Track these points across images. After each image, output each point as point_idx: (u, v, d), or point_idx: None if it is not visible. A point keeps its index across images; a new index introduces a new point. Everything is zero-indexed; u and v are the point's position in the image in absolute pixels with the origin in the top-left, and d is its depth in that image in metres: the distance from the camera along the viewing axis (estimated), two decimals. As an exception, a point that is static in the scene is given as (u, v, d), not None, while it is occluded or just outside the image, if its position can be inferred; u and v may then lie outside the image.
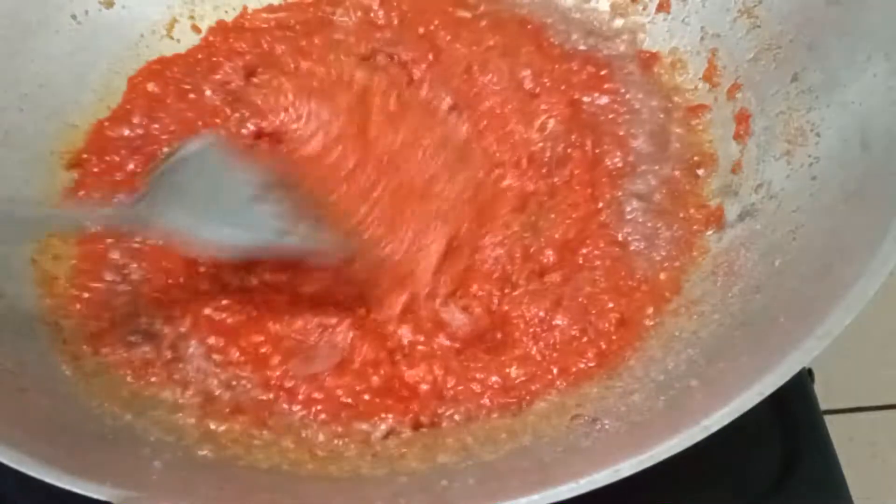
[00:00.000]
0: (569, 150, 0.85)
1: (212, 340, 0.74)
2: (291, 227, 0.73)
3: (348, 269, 0.77)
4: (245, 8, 0.98)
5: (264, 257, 0.76)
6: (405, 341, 0.75)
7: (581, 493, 0.54)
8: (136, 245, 0.79)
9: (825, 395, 0.86)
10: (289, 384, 0.73)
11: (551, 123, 0.86)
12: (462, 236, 0.80)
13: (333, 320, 0.75)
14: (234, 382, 0.73)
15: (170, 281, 0.78)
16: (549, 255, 0.80)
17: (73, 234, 0.79)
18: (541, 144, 0.86)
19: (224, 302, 0.76)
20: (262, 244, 0.72)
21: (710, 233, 0.81)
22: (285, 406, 0.72)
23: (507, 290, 0.78)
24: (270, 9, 0.98)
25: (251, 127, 0.86)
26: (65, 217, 0.70)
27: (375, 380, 0.73)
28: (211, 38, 0.95)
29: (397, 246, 0.79)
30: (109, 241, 0.80)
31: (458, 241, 0.80)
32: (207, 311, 0.75)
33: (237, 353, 0.74)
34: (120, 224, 0.71)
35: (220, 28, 0.96)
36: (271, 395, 0.72)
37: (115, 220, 0.71)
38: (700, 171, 0.85)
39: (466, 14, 0.95)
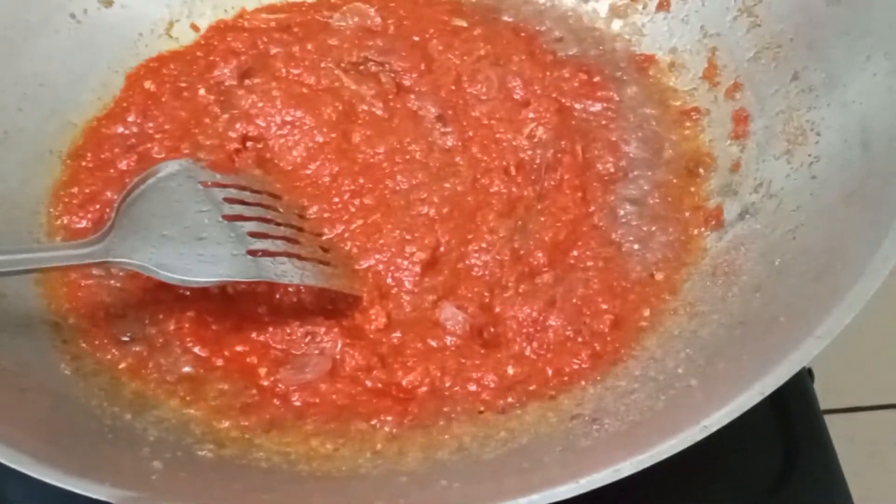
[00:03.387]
0: (559, 156, 0.85)
1: (196, 350, 0.74)
2: (264, 245, 0.73)
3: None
4: (244, 8, 0.98)
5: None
6: (396, 342, 0.75)
7: (581, 493, 0.54)
8: None
9: (825, 394, 0.86)
10: (281, 391, 0.72)
11: (540, 131, 0.86)
12: (447, 244, 0.80)
13: (321, 328, 0.75)
14: (226, 386, 0.72)
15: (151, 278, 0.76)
16: (540, 257, 0.79)
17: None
18: (529, 152, 0.85)
19: (206, 307, 0.75)
20: (231, 278, 0.72)
21: (708, 233, 0.81)
22: (282, 409, 0.71)
23: (497, 292, 0.78)
24: (271, 9, 0.98)
25: (238, 128, 0.86)
26: (32, 261, 0.69)
27: (370, 384, 0.73)
28: (210, 37, 0.95)
29: (379, 256, 0.79)
30: None
31: (442, 248, 0.80)
32: (190, 313, 0.75)
33: (221, 362, 0.73)
34: (89, 263, 0.71)
35: (220, 26, 0.96)
36: (266, 399, 0.72)
37: (84, 259, 0.70)
38: (700, 171, 0.85)
39: (462, 23, 0.95)
